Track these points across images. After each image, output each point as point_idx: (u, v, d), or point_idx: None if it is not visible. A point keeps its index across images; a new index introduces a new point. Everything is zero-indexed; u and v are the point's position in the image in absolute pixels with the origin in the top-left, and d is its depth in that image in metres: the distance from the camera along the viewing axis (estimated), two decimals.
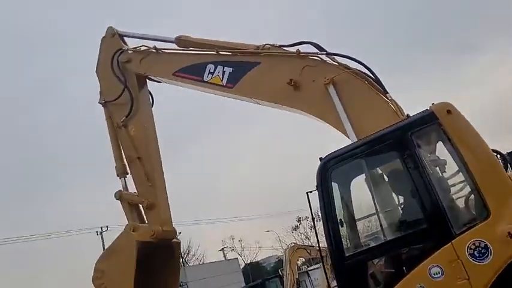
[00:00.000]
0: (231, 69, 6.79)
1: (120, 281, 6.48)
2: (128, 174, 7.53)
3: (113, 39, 7.86)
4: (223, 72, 6.83)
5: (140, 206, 7.33)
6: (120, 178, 7.53)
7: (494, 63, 72.54)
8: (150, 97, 7.95)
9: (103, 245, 39.43)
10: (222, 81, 6.84)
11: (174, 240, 7.38)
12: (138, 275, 6.42)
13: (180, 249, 7.48)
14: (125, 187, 7.46)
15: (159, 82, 7.74)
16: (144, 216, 7.28)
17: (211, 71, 6.92)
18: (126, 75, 7.54)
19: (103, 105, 7.78)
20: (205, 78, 6.97)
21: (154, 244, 6.84)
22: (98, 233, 40.10)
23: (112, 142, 7.68)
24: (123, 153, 7.60)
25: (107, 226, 40.25)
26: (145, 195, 7.17)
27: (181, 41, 7.35)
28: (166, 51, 7.47)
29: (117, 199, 7.36)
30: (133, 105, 7.42)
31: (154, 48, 7.46)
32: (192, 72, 7.10)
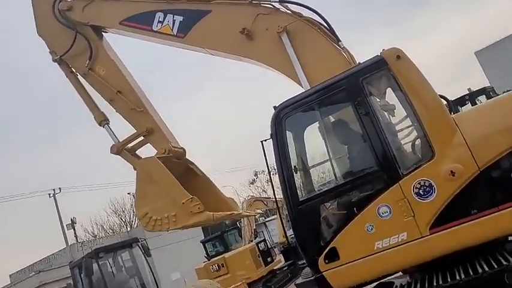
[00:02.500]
0: (182, 17, 6.54)
1: (167, 202, 6.16)
2: (108, 120, 7.21)
3: None
4: (174, 21, 6.58)
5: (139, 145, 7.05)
6: (103, 127, 7.18)
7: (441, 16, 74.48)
8: None
9: (56, 207, 38.70)
10: (172, 30, 6.61)
11: (188, 160, 7.15)
12: None
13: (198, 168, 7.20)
14: (112, 133, 7.11)
15: (106, 32, 7.36)
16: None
17: (161, 19, 6.64)
18: (72, 24, 7.09)
19: (59, 63, 7.24)
20: (155, 28, 6.69)
21: (173, 163, 6.61)
22: (51, 195, 39.11)
23: (81, 94, 7.28)
24: (96, 103, 7.27)
25: (59, 188, 39.34)
26: (141, 123, 6.87)
27: None
28: None
29: (115, 153, 6.94)
30: (92, 46, 7.00)
31: None
32: (140, 21, 6.78)
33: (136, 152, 7.11)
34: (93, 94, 7.34)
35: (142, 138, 6.98)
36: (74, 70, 7.30)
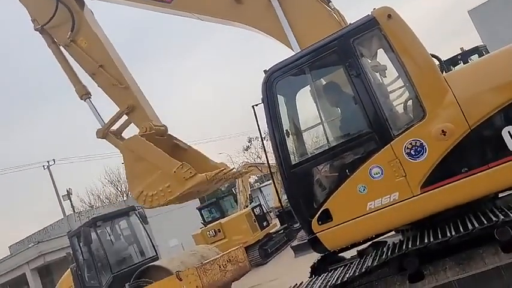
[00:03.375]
0: None
1: (159, 175, 6.17)
2: (90, 94, 7.15)
3: None
4: None
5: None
6: (84, 100, 7.12)
7: None
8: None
9: (51, 177, 38.79)
10: None
11: (171, 135, 7.15)
12: None
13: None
14: (93, 108, 7.06)
15: None
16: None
17: None
18: None
19: (41, 32, 7.06)
20: None
21: (157, 140, 6.63)
22: (45, 167, 39.13)
23: (63, 66, 7.16)
24: (78, 76, 7.19)
25: (53, 160, 39.35)
26: (122, 99, 6.82)
27: None
28: None
29: (101, 138, 6.88)
30: (75, 16, 6.80)
31: None
32: None
33: (122, 134, 7.08)
34: (75, 67, 7.21)
35: (126, 118, 6.91)
36: (56, 40, 7.12)
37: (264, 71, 5.01)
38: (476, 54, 15.01)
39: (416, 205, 4.25)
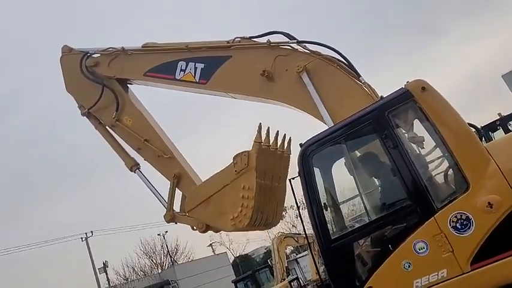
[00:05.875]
0: (203, 64, 6.72)
1: (230, 191, 5.98)
2: (139, 165, 7.41)
3: (72, 54, 7.64)
4: (195, 68, 6.76)
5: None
6: (134, 172, 7.39)
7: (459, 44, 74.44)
8: None
9: (89, 251, 39.09)
10: (194, 77, 6.78)
11: None
12: None
13: None
14: (143, 177, 7.33)
15: (131, 84, 7.61)
16: None
17: (183, 68, 6.84)
18: (99, 78, 7.37)
19: (88, 117, 7.56)
20: (178, 76, 6.88)
21: None
22: (83, 239, 39.67)
23: (111, 144, 7.54)
24: (125, 150, 7.49)
25: (91, 231, 39.94)
26: (168, 169, 6.96)
27: (148, 49, 7.25)
28: (135, 52, 7.34)
29: (169, 221, 6.96)
30: (118, 98, 7.25)
31: (122, 49, 7.31)
32: (163, 71, 7.00)
33: None
34: (122, 141, 7.56)
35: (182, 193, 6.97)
36: (102, 122, 7.52)
37: (300, 144, 5.07)
38: None
39: (467, 283, 4.00)
